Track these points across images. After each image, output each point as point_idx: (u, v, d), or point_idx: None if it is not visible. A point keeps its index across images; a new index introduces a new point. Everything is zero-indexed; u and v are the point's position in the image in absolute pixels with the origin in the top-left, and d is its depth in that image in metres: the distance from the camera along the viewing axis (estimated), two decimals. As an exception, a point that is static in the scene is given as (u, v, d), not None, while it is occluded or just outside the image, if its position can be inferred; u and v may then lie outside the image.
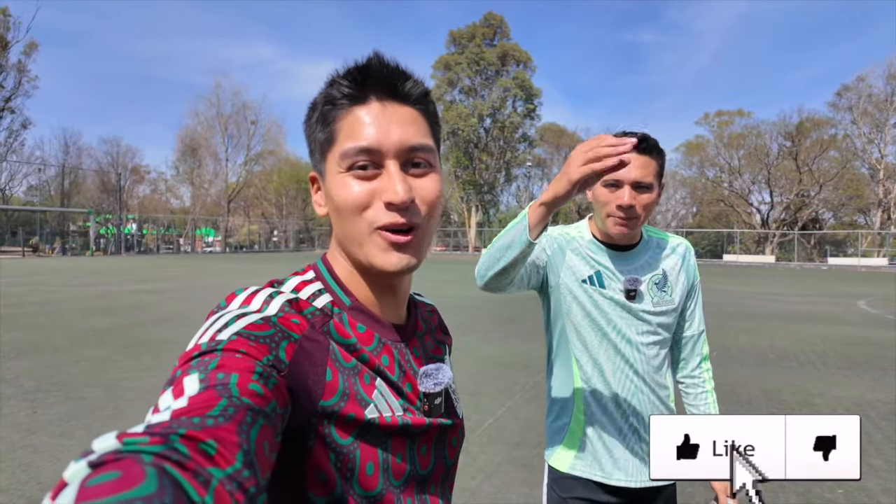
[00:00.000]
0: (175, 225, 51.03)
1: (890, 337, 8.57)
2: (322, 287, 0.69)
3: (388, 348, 0.69)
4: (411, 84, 0.67)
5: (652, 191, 1.39)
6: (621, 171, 1.25)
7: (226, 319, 0.56)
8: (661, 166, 1.41)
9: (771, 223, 47.05)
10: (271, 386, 0.51)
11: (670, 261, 1.52)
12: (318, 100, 0.68)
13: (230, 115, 51.29)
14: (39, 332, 7.84)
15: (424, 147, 0.67)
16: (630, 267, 1.48)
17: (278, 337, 0.56)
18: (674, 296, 1.50)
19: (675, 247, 1.56)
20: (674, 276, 1.50)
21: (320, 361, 0.60)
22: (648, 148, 1.37)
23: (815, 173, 44.10)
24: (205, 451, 0.39)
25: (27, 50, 39.63)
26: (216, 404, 0.44)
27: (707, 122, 50.89)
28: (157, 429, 0.40)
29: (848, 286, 18.83)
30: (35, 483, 3.24)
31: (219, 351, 0.51)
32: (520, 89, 49.35)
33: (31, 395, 4.92)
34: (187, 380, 0.48)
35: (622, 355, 1.46)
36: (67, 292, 13.25)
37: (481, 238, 50.77)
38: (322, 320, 0.64)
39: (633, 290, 1.45)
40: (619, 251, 1.49)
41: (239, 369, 0.49)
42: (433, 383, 0.71)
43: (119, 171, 47.06)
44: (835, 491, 3.28)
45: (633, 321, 1.46)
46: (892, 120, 41.64)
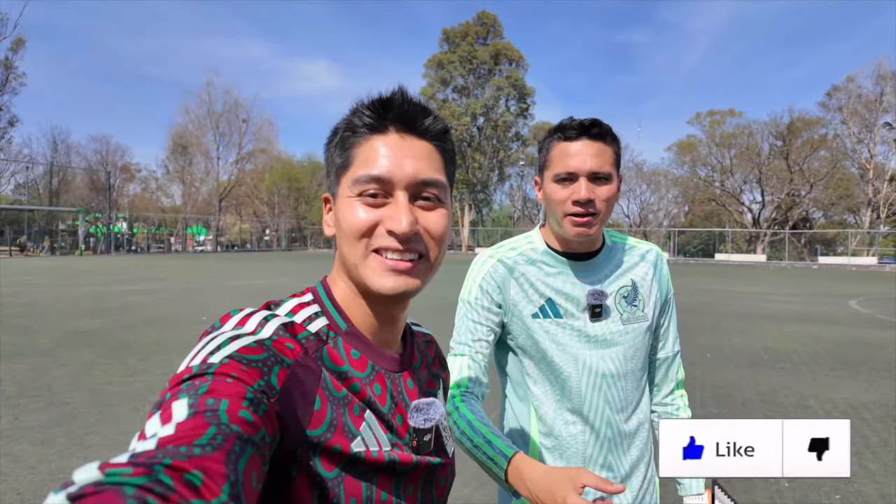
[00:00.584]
0: (166, 224, 50.55)
1: (882, 337, 8.60)
2: (319, 310, 0.68)
3: (381, 377, 0.68)
4: (431, 120, 0.70)
5: (611, 181, 1.21)
6: (574, 162, 1.17)
7: (219, 341, 0.56)
8: (616, 154, 1.23)
9: (762, 222, 47.38)
10: (261, 413, 0.50)
11: (640, 269, 1.33)
12: (340, 125, 0.70)
13: (221, 113, 51.08)
14: (24, 335, 7.69)
15: (436, 183, 0.68)
16: (594, 278, 1.28)
17: (271, 361, 0.56)
18: (646, 310, 1.30)
19: (645, 253, 1.36)
20: (645, 287, 1.31)
21: (311, 389, 0.59)
22: (601, 133, 1.19)
23: (805, 173, 44.45)
24: (190, 482, 0.39)
25: (14, 46, 39.06)
26: (204, 432, 0.44)
27: (699, 122, 51.13)
28: (141, 458, 0.39)
29: (839, 285, 18.96)
30: (14, 493, 3.13)
31: (210, 374, 0.51)
32: (513, 88, 49.38)
33: (13, 400, 4.80)
34: (176, 405, 0.47)
35: (597, 396, 1.25)
36: (54, 293, 13.05)
37: (474, 237, 50.80)
38: (316, 345, 0.63)
39: (597, 305, 1.25)
40: (579, 260, 1.29)
41: (229, 395, 0.49)
42: (423, 419, 0.69)
43: (109, 169, 46.53)
44: (832, 497, 3.24)
45: (602, 350, 1.25)
46: (881, 120, 42.07)
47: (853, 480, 3.44)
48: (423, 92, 49.60)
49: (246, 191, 54.13)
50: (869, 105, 42.93)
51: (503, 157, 52.00)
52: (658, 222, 53.75)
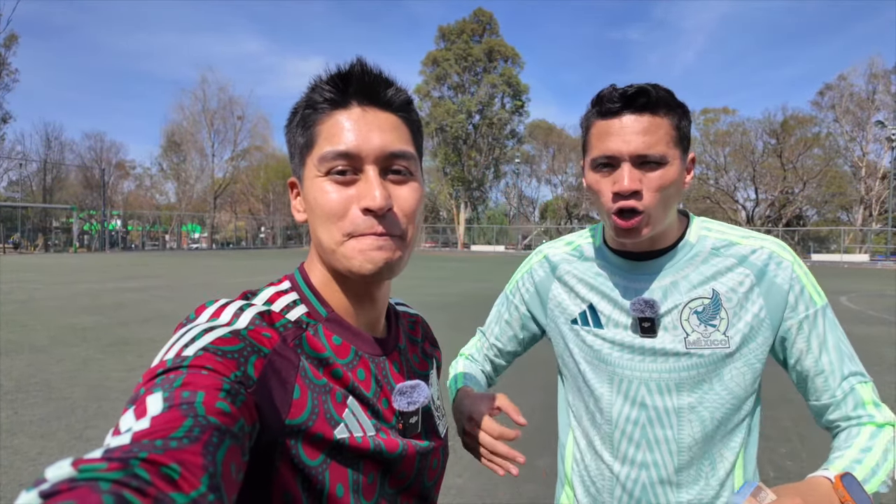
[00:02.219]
0: (160, 221, 50.29)
1: (870, 332, 8.71)
2: (298, 298, 0.67)
3: (364, 362, 0.67)
4: (394, 91, 0.66)
5: (667, 164, 0.91)
6: (614, 143, 0.91)
7: (193, 333, 0.54)
8: (678, 128, 0.94)
9: (756, 220, 47.64)
10: (239, 403, 0.49)
11: (731, 277, 0.97)
12: (300, 104, 0.67)
13: (216, 111, 50.87)
14: (20, 331, 7.70)
15: (405, 154, 0.65)
16: (653, 284, 1.00)
17: (247, 352, 0.54)
18: (729, 332, 0.95)
19: (747, 255, 0.98)
20: (733, 301, 0.96)
21: (289, 378, 0.57)
22: (652, 102, 0.91)
23: (798, 171, 44.72)
24: (167, 475, 0.38)
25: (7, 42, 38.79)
26: (180, 425, 0.43)
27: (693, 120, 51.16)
28: (115, 453, 0.38)
29: (830, 282, 19.13)
30: (16, 485, 3.18)
31: (184, 368, 0.49)
32: (507, 86, 49.39)
33: (12, 395, 4.83)
34: (150, 399, 0.46)
35: (633, 429, 1.00)
36: (50, 290, 13.02)
37: (470, 234, 50.80)
38: (294, 333, 0.61)
39: (646, 319, 0.98)
40: (641, 260, 1.02)
41: (205, 387, 0.47)
42: (407, 402, 0.68)
43: (103, 166, 46.27)
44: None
45: (650, 375, 0.99)
46: (873, 118, 42.31)
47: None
48: (418, 89, 49.60)
49: (241, 188, 53.96)
50: (861, 103, 43.22)
51: (498, 154, 52.02)
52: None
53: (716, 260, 0.99)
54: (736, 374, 0.97)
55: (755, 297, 0.96)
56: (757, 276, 0.97)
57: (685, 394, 0.97)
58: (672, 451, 0.98)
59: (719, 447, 0.98)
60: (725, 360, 0.96)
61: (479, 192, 53.32)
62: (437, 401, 0.79)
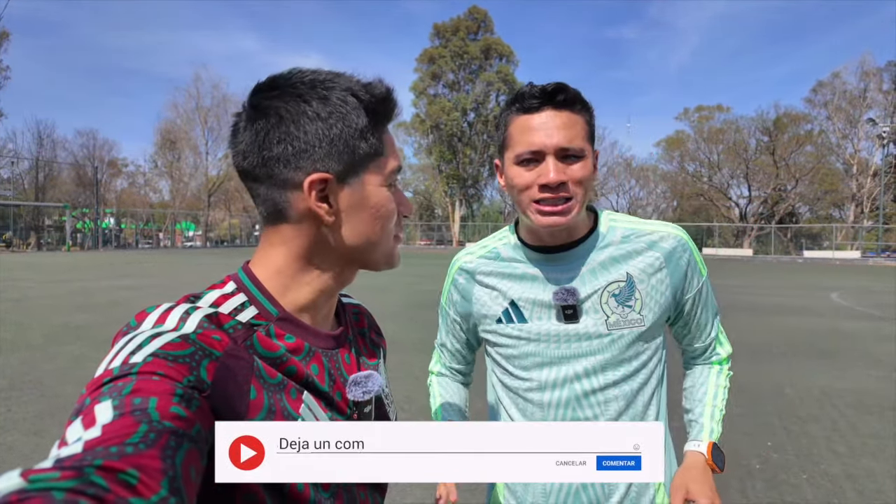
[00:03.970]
0: (154, 219, 50.11)
1: (858, 328, 8.82)
2: (246, 300, 0.65)
3: (317, 357, 0.67)
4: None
5: (584, 158, 0.99)
6: (538, 137, 0.97)
7: (139, 341, 0.52)
8: (589, 124, 1.02)
9: (749, 217, 47.93)
10: (194, 408, 0.48)
11: (643, 260, 1.06)
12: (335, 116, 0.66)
13: (210, 108, 50.62)
14: (13, 329, 7.68)
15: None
16: (571, 274, 1.06)
17: (199, 356, 0.53)
18: (644, 311, 1.05)
19: (656, 241, 1.08)
20: (645, 282, 1.05)
21: (244, 379, 0.57)
22: (569, 100, 0.98)
23: (791, 168, 45.01)
24: (125, 481, 0.36)
25: (-2, 39, 38.46)
26: (135, 430, 0.41)
27: (687, 118, 51.57)
28: (67, 462, 0.37)
29: (822, 279, 19.29)
30: (9, 481, 3.21)
31: (133, 374, 0.47)
32: (503, 84, 49.36)
33: (5, 392, 4.84)
34: (99, 407, 0.43)
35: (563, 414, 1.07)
36: (43, 288, 12.97)
37: (464, 232, 50.84)
38: (245, 334, 0.60)
39: (569, 306, 1.04)
40: (555, 252, 1.08)
41: (157, 392, 0.46)
42: (362, 392, 0.69)
43: (95, 164, 46.04)
44: (799, 476, 3.40)
45: (577, 360, 1.06)
46: (864, 116, 42.63)
47: (820, 461, 3.60)
48: (414, 87, 49.52)
49: (235, 185, 53.53)
50: (853, 101, 43.54)
51: (493, 152, 51.74)
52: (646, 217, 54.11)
53: (627, 246, 1.08)
54: (649, 349, 1.08)
55: (663, 276, 1.07)
56: (666, 258, 1.07)
57: (609, 372, 1.05)
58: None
59: (640, 419, 1.08)
60: (641, 337, 1.06)
61: (475, 190, 53.37)
62: (387, 388, 0.81)
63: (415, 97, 49.99)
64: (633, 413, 1.07)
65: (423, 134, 50.49)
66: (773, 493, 3.20)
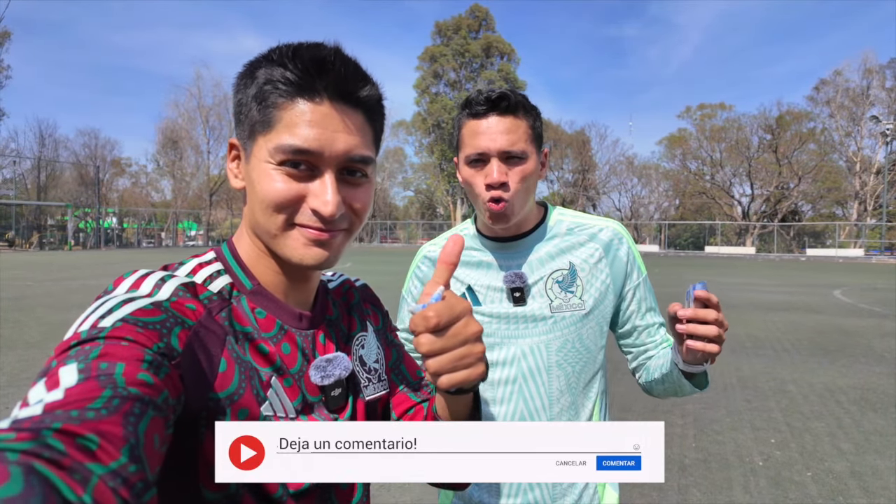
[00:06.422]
0: (156, 218, 50.19)
1: (861, 325, 8.78)
2: (222, 268, 0.64)
3: (290, 335, 0.65)
4: (368, 89, 0.62)
5: (527, 160, 1.09)
6: (483, 141, 1.07)
7: (110, 305, 0.51)
8: (533, 127, 1.11)
9: (751, 215, 47.80)
10: (162, 375, 0.47)
11: (584, 251, 1.17)
12: (260, 72, 0.60)
13: (211, 107, 50.62)
14: (13, 327, 7.68)
15: (365, 159, 0.63)
16: (519, 261, 1.18)
17: (170, 323, 0.52)
18: (584, 297, 1.15)
19: (596, 233, 1.19)
20: (586, 270, 1.16)
21: (215, 351, 0.56)
22: (512, 106, 1.07)
23: (794, 166, 44.86)
24: (84, 445, 0.36)
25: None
26: (98, 395, 0.40)
27: (689, 116, 51.41)
28: (25, 424, 0.36)
29: (824, 277, 19.22)
30: (4, 478, 3.18)
31: (101, 339, 0.47)
32: (504, 82, 49.28)
33: (4, 389, 4.83)
34: (63, 370, 0.43)
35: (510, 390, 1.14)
36: (43, 287, 12.98)
37: (466, 231, 50.72)
38: (220, 305, 0.60)
39: (517, 289, 1.14)
40: (507, 242, 1.19)
41: (125, 358, 0.45)
42: (320, 376, 0.66)
43: (97, 163, 46.11)
44: (804, 474, 3.36)
45: (523, 340, 1.14)
46: (867, 113, 42.46)
47: (824, 458, 3.56)
48: (416, 85, 49.52)
49: (237, 185, 53.73)
50: (856, 98, 43.36)
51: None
52: (649, 216, 54.10)
53: (571, 238, 1.19)
54: (590, 332, 1.16)
55: (603, 266, 1.17)
56: (605, 249, 1.18)
57: (553, 352, 1.14)
58: (545, 404, 1.13)
59: (581, 398, 1.15)
60: (582, 321, 1.14)
61: (476, 189, 53.24)
62: (374, 364, 0.77)
63: (417, 95, 49.99)
64: (574, 391, 1.14)
65: (424, 132, 50.42)
66: (778, 490, 3.16)
